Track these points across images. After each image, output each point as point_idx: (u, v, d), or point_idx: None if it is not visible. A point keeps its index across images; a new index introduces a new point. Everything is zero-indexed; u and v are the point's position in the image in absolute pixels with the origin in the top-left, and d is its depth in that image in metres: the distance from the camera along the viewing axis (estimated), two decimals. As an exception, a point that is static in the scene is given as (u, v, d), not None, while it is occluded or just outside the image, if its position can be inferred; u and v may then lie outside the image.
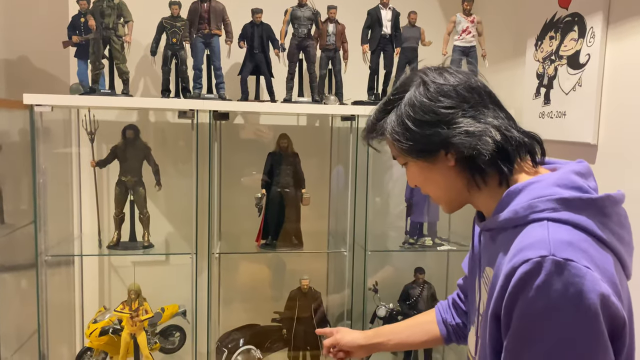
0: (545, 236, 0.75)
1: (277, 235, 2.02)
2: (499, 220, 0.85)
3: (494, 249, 0.88)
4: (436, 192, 0.94)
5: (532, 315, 0.72)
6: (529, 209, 0.81)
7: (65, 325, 2.12)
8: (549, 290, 0.70)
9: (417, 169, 0.92)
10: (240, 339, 1.99)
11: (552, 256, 0.71)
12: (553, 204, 0.79)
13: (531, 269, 0.72)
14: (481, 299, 0.94)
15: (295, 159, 2.00)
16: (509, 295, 0.74)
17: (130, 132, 1.90)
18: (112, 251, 1.93)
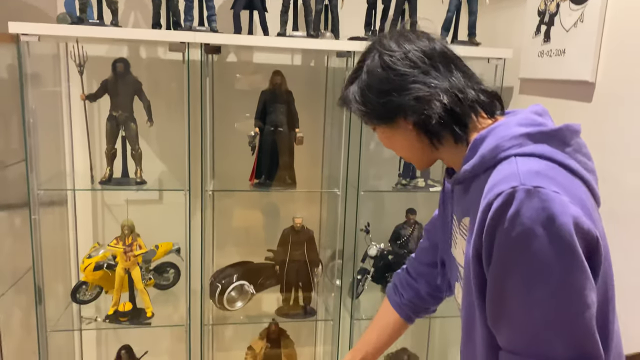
0: (515, 169, 0.78)
1: (270, 175, 2.02)
2: (468, 169, 0.88)
3: (469, 199, 0.91)
4: (404, 154, 1.02)
5: (510, 245, 0.75)
6: (495, 149, 0.84)
7: (60, 261, 2.14)
8: (522, 218, 0.73)
9: (383, 134, 0.99)
10: (234, 274, 2.02)
11: (522, 185, 0.74)
12: (517, 139, 0.83)
13: (504, 200, 0.75)
14: (462, 249, 0.97)
15: (289, 97, 1.96)
16: (487, 230, 0.78)
17: (120, 66, 1.85)
18: (104, 187, 1.92)
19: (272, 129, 1.97)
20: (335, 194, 2.03)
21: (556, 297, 0.74)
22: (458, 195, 0.98)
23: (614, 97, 1.43)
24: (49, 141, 2.02)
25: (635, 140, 1.34)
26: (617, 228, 1.35)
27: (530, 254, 0.73)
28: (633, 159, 1.34)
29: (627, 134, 1.37)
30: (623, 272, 1.07)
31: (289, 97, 1.97)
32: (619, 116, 1.40)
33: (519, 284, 0.75)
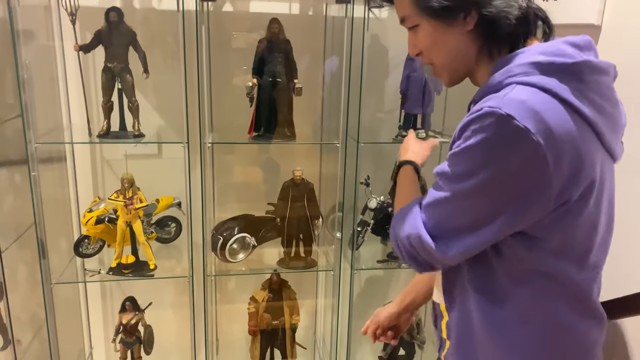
0: (503, 94, 0.78)
1: (269, 127, 2.00)
2: (486, 87, 0.86)
3: None
4: (443, 59, 0.93)
5: (465, 148, 0.80)
6: (505, 73, 0.83)
7: (62, 215, 2.15)
8: (485, 133, 0.77)
9: (430, 32, 0.90)
10: (235, 227, 2.04)
11: (497, 109, 0.76)
12: (526, 67, 0.81)
13: (478, 115, 0.78)
14: None
15: (287, 45, 1.92)
16: (457, 132, 0.83)
17: (113, 15, 1.80)
18: (102, 140, 1.91)
19: (270, 79, 1.93)
20: (335, 146, 2.01)
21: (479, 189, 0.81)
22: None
23: (621, 40, 1.39)
24: (45, 95, 1.99)
25: None
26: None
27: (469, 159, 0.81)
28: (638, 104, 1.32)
29: (633, 78, 1.34)
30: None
31: (287, 46, 1.92)
32: (625, 60, 1.37)
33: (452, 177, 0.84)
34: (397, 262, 2.13)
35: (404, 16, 0.93)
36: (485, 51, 0.90)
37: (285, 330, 2.16)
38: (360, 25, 1.84)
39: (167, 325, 2.33)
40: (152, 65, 1.89)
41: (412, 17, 0.91)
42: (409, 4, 0.90)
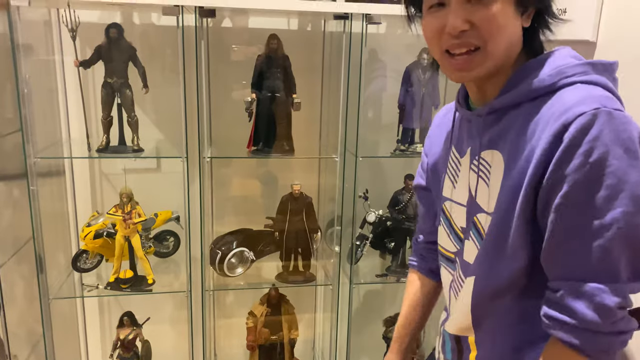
0: (590, 93, 0.76)
1: (268, 141, 2.01)
2: (523, 91, 0.82)
3: (500, 130, 0.86)
4: (499, 45, 0.82)
5: (591, 166, 0.73)
6: (559, 74, 0.81)
7: (60, 230, 2.14)
8: (605, 139, 0.72)
9: (507, 12, 0.80)
10: (234, 241, 2.04)
11: (604, 108, 0.73)
12: (582, 67, 0.81)
13: (588, 120, 0.73)
14: (478, 189, 0.91)
15: (286, 61, 1.93)
16: (565, 151, 0.74)
17: (113, 31, 1.82)
18: (101, 154, 1.91)
19: (269, 94, 1.95)
20: (333, 160, 2.02)
21: (632, 213, 0.73)
22: (480, 127, 0.90)
23: (615, 56, 1.40)
24: (44, 110, 2.00)
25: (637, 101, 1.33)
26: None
27: (611, 173, 0.73)
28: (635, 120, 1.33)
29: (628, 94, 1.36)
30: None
31: (286, 62, 1.94)
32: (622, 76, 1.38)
33: (602, 201, 0.73)
34: (395, 277, 2.13)
35: None
36: (522, 52, 0.87)
37: (284, 345, 2.14)
38: (359, 40, 1.86)
39: (165, 340, 2.32)
40: (152, 79, 1.90)
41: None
42: None
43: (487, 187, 0.89)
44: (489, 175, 0.88)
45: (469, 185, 0.94)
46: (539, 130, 0.78)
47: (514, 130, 0.83)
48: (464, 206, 0.96)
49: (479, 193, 0.91)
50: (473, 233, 0.93)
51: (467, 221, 0.96)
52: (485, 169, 0.89)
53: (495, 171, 0.87)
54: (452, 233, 1.01)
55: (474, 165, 0.92)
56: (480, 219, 0.91)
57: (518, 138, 0.82)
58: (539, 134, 0.78)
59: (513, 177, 0.82)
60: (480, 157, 0.90)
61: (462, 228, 0.98)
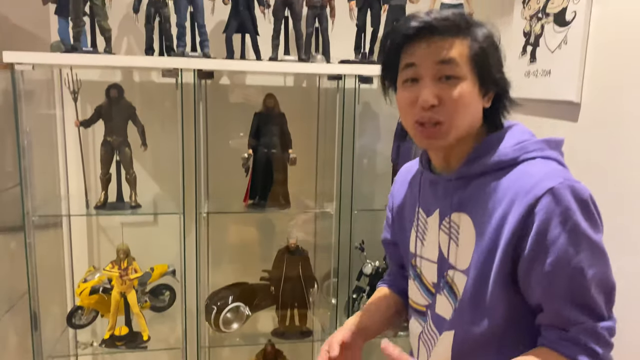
0: (551, 168, 0.86)
1: (264, 195, 2.04)
2: (489, 163, 0.91)
3: (468, 196, 0.93)
4: (462, 122, 0.90)
5: (567, 235, 0.82)
6: (521, 150, 0.90)
7: (56, 285, 2.14)
8: (573, 208, 0.82)
9: (472, 91, 0.89)
10: (229, 296, 2.03)
11: (566, 181, 0.83)
12: (540, 144, 0.91)
13: (557, 193, 0.82)
14: (449, 248, 0.97)
15: (282, 119, 1.99)
16: (542, 223, 0.82)
17: (114, 92, 1.87)
18: (99, 211, 1.93)
19: (265, 150, 1.99)
20: (329, 213, 2.04)
21: (603, 262, 0.86)
22: (447, 190, 0.97)
23: (599, 117, 1.46)
24: (44, 165, 2.04)
25: (621, 160, 1.37)
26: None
27: (584, 237, 0.83)
28: (619, 179, 1.37)
29: (613, 154, 1.40)
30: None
31: (282, 119, 1.99)
32: (605, 136, 1.43)
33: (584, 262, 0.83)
34: (393, 331, 2.11)
35: (452, 60, 0.87)
36: (482, 126, 0.96)
37: (281, 402, 2.11)
38: (352, 95, 1.92)
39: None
40: (150, 135, 1.95)
41: (461, 68, 0.88)
42: (465, 54, 0.88)
43: (457, 246, 0.96)
44: (459, 236, 0.95)
45: (438, 244, 1.00)
46: (507, 201, 0.86)
47: (481, 197, 0.91)
48: (435, 263, 1.01)
49: (450, 252, 0.97)
50: (445, 288, 0.99)
51: (438, 277, 1.01)
52: (455, 230, 0.96)
53: (465, 233, 0.94)
54: (423, 287, 1.06)
55: (443, 226, 0.98)
56: (451, 275, 0.97)
57: (486, 205, 0.90)
58: (509, 205, 0.86)
59: (485, 241, 0.89)
60: (449, 219, 0.97)
61: (433, 283, 1.02)
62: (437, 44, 0.88)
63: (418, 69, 0.89)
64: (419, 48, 0.89)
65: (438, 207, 0.99)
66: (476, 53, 0.89)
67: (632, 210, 1.32)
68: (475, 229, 0.91)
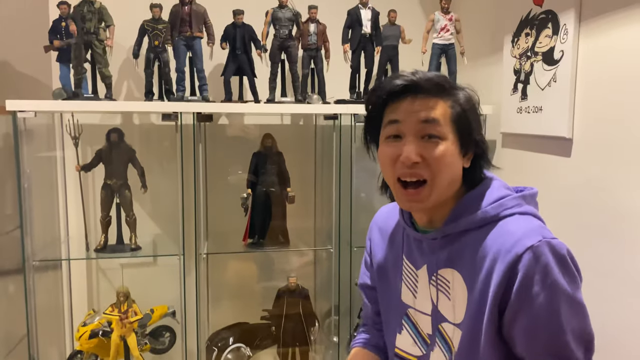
0: (530, 226, 0.88)
1: (263, 234, 2.05)
2: (471, 221, 0.92)
3: (454, 252, 0.95)
4: (443, 181, 0.91)
5: (550, 287, 0.85)
6: (500, 207, 0.92)
7: (55, 328, 2.12)
8: (552, 265, 0.85)
9: (453, 151, 0.91)
10: (230, 337, 2.01)
11: (544, 239, 0.85)
12: (516, 200, 0.93)
13: (536, 252, 0.84)
14: (442, 302, 0.97)
15: (280, 158, 2.02)
16: (523, 279, 0.84)
17: (114, 136, 1.91)
18: (99, 254, 1.94)
19: (264, 189, 2.01)
20: (328, 251, 2.05)
21: (581, 316, 0.88)
22: (432, 248, 0.98)
23: (592, 152, 1.48)
24: (44, 208, 2.05)
25: (614, 194, 1.39)
26: (596, 280, 1.38)
27: (562, 292, 0.85)
28: (613, 213, 1.39)
29: (606, 188, 1.42)
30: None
31: (280, 158, 2.02)
32: (599, 170, 1.46)
33: (564, 316, 0.86)
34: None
35: (435, 120, 0.89)
36: (462, 186, 0.97)
37: None
38: (349, 132, 1.95)
39: None
40: (150, 177, 1.97)
41: (443, 128, 0.89)
42: (448, 115, 0.90)
43: (449, 300, 0.96)
44: (450, 291, 0.96)
45: (430, 297, 1.00)
46: (491, 258, 0.88)
47: (467, 253, 0.92)
48: (429, 315, 1.01)
49: (442, 306, 0.98)
50: (439, 340, 0.99)
51: (432, 329, 1.01)
52: (445, 285, 0.97)
53: (457, 287, 0.94)
54: (419, 338, 1.05)
55: (432, 282, 0.99)
56: (445, 329, 0.97)
57: (473, 261, 0.91)
58: (492, 262, 0.88)
59: (475, 296, 0.90)
60: (438, 274, 0.98)
61: (428, 335, 1.02)
62: (422, 103, 0.90)
63: (401, 126, 0.91)
64: (403, 105, 0.91)
65: (425, 262, 1.00)
66: (458, 114, 0.91)
67: (625, 243, 1.33)
68: (465, 284, 0.92)
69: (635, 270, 1.31)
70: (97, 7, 1.77)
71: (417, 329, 1.06)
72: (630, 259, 1.32)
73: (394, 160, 0.92)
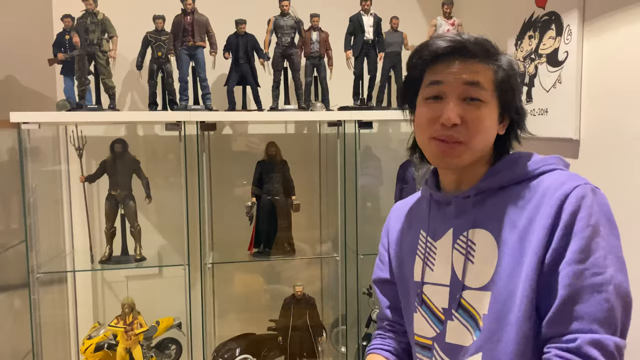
0: (572, 175, 0.90)
1: (269, 243, 2.03)
2: (511, 175, 0.94)
3: (485, 210, 0.95)
4: (480, 144, 0.92)
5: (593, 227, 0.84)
6: (541, 162, 0.94)
7: (60, 342, 2.11)
8: (596, 208, 0.85)
9: (493, 115, 0.92)
10: (237, 348, 1.99)
11: (588, 184, 0.87)
12: (558, 160, 0.95)
13: (583, 191, 0.85)
14: (465, 268, 0.95)
15: (284, 166, 2.01)
16: (570, 216, 0.84)
17: (118, 146, 1.91)
18: (104, 266, 1.93)
19: (268, 198, 2.00)
20: (335, 259, 2.03)
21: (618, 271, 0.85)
22: (462, 208, 0.97)
23: (599, 153, 1.47)
24: (49, 221, 2.05)
25: (623, 195, 1.37)
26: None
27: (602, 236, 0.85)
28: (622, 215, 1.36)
29: (615, 189, 1.40)
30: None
31: (284, 167, 2.01)
32: (607, 171, 1.44)
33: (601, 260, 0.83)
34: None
35: (478, 82, 0.90)
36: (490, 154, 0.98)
37: None
38: (353, 139, 1.94)
39: None
40: (154, 187, 1.96)
41: (486, 92, 0.90)
42: (491, 79, 0.91)
43: (473, 264, 0.94)
44: (475, 253, 0.94)
45: (452, 265, 0.97)
46: (534, 205, 0.88)
47: (501, 210, 0.92)
48: (447, 286, 0.98)
49: (466, 271, 0.95)
50: (459, 312, 0.96)
51: (449, 301, 0.98)
52: (471, 247, 0.95)
53: (484, 248, 0.93)
54: (432, 316, 1.02)
55: (458, 245, 0.97)
56: (466, 297, 0.94)
57: (508, 216, 0.91)
58: (535, 208, 0.88)
59: (510, 251, 0.89)
60: (465, 236, 0.96)
61: (443, 309, 0.99)
62: (466, 65, 0.90)
63: (444, 87, 0.91)
64: (447, 67, 0.91)
65: (451, 226, 0.99)
66: (501, 80, 0.91)
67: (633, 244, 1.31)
68: (496, 242, 0.91)
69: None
70: (100, 19, 1.78)
71: (428, 307, 1.02)
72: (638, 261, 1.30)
73: (433, 121, 0.92)
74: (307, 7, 1.98)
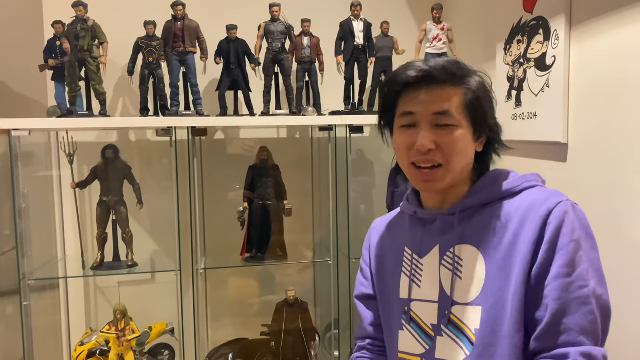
0: (553, 191, 0.93)
1: (261, 248, 2.03)
2: (494, 192, 0.97)
3: (470, 226, 0.97)
4: (457, 165, 0.95)
5: (576, 242, 0.87)
6: (522, 179, 0.98)
7: (52, 348, 2.10)
8: (578, 223, 0.89)
9: (467, 137, 0.94)
10: (229, 353, 1.99)
11: (568, 201, 0.91)
12: (537, 177, 1.00)
13: (566, 206, 0.89)
14: (453, 283, 0.96)
15: (276, 171, 2.01)
16: (554, 231, 0.87)
17: (109, 152, 1.90)
18: (96, 272, 1.92)
19: (260, 203, 2.00)
20: (327, 264, 2.03)
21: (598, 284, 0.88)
22: (447, 224, 0.99)
23: (587, 156, 1.48)
24: (41, 227, 2.04)
25: (611, 197, 1.38)
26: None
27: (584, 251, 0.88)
28: (610, 217, 1.37)
29: (603, 191, 1.41)
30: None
31: (276, 171, 2.02)
32: (595, 174, 1.45)
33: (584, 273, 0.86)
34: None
35: (447, 112, 0.92)
36: (473, 170, 1.01)
37: None
38: (344, 144, 1.95)
39: None
40: (146, 193, 1.96)
41: (456, 118, 0.92)
42: (460, 103, 0.93)
43: (461, 279, 0.95)
44: (462, 269, 0.96)
45: (440, 282, 0.98)
46: (518, 220, 0.91)
47: (486, 226, 0.95)
48: (435, 302, 0.99)
49: (454, 287, 0.96)
50: (449, 328, 0.97)
51: (438, 317, 0.98)
52: (458, 263, 0.96)
53: (471, 264, 0.95)
54: (420, 333, 1.02)
55: (445, 262, 0.98)
56: (456, 312, 0.95)
57: (494, 231, 0.94)
58: (520, 223, 0.91)
59: (498, 265, 0.91)
60: (452, 253, 0.97)
61: (432, 326, 0.99)
62: (435, 94, 0.93)
63: (415, 117, 0.94)
64: (417, 97, 0.94)
65: (437, 243, 1.00)
66: (470, 101, 0.94)
67: (622, 247, 1.32)
68: (483, 257, 0.93)
69: (632, 274, 1.29)
70: (90, 25, 1.79)
71: (418, 324, 1.03)
72: (628, 263, 1.31)
73: (409, 147, 0.95)
74: (297, 13, 1.99)
